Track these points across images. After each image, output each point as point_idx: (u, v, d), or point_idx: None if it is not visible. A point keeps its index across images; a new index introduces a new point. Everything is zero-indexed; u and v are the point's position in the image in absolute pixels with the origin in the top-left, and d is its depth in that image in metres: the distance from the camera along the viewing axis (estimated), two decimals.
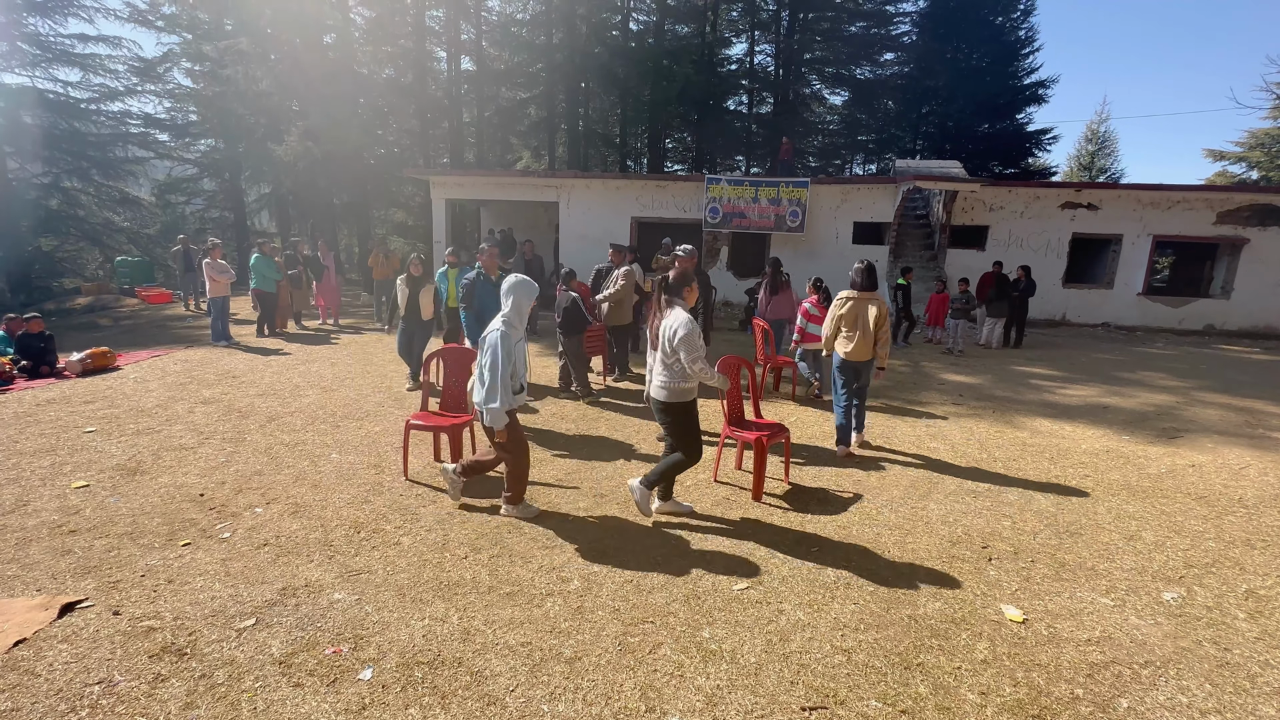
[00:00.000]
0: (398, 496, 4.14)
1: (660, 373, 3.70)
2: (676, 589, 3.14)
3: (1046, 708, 2.41)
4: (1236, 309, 13.31)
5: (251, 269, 10.04)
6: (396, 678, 2.47)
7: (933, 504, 4.26)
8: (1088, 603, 3.13)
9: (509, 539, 3.61)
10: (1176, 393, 7.80)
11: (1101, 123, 30.97)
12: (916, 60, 24.99)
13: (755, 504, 4.18)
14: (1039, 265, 13.09)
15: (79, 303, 14.37)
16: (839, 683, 2.51)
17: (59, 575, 3.14)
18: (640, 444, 5.32)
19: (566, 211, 14.83)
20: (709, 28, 24.17)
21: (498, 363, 3.49)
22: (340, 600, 2.97)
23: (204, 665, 2.52)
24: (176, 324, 11.64)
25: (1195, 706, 2.44)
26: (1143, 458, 5.35)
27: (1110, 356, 10.26)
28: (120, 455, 4.79)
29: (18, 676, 2.44)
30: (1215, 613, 3.08)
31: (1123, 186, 14.06)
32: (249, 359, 8.33)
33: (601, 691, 2.43)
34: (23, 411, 5.87)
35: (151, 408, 6.04)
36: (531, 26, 22.46)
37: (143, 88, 18.49)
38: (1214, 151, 22.89)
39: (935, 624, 2.91)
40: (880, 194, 13.96)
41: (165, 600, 2.95)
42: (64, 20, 16.53)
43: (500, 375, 3.48)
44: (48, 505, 3.92)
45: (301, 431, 5.42)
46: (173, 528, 3.66)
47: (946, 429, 5.99)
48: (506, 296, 3.62)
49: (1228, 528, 4.04)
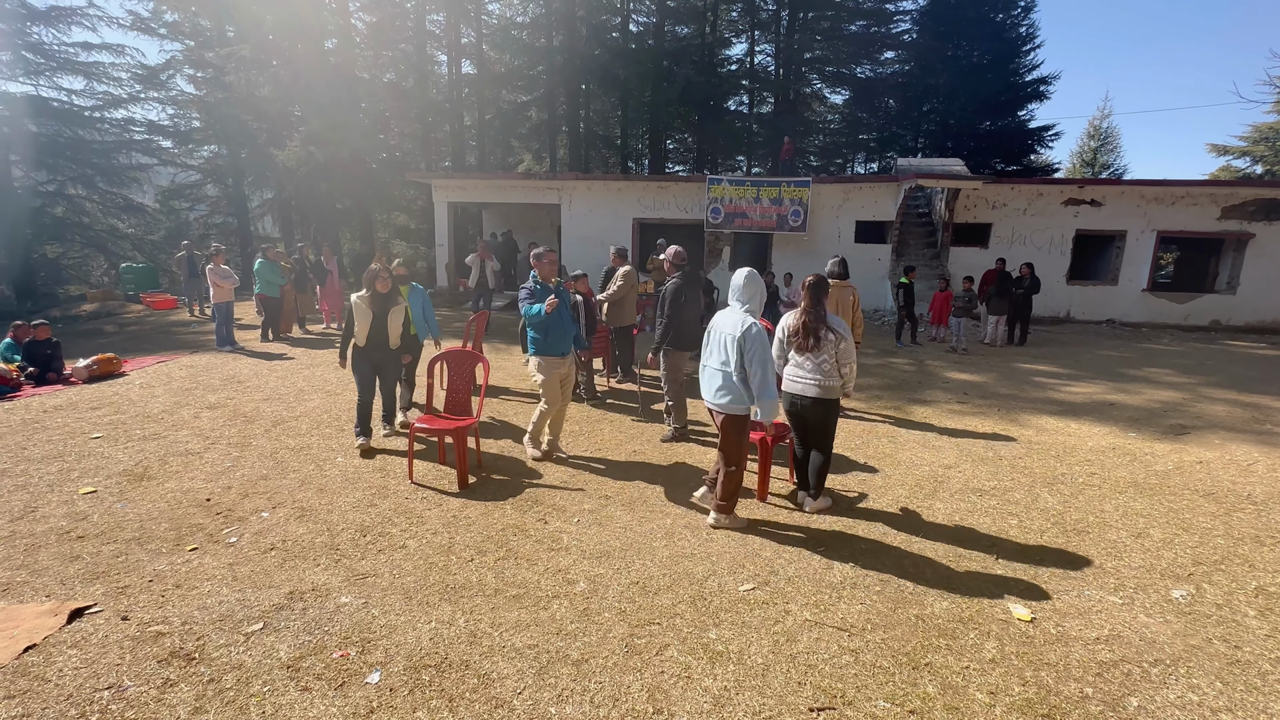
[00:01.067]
0: (403, 500, 4.15)
1: (812, 372, 3.83)
2: (682, 590, 3.13)
3: (1056, 707, 2.40)
4: (1242, 304, 13.25)
5: (255, 274, 10.08)
6: (404, 681, 2.48)
7: (939, 503, 4.24)
8: (1096, 601, 3.12)
9: (514, 541, 3.61)
10: (1183, 389, 7.76)
11: (1104, 118, 30.95)
12: (917, 58, 24.93)
13: (760, 504, 4.17)
14: (1043, 262, 13.05)
15: (85, 309, 14.45)
16: (847, 683, 2.50)
17: (67, 581, 3.16)
18: (642, 445, 5.32)
19: (568, 213, 14.85)
20: (709, 28, 24.17)
21: (769, 355, 3.48)
22: (347, 604, 2.98)
23: (212, 670, 2.52)
24: (181, 329, 11.69)
25: (1206, 705, 2.43)
26: (1150, 455, 5.32)
27: (1115, 353, 10.22)
28: (127, 461, 4.81)
29: (28, 682, 2.45)
30: (1225, 610, 3.06)
31: (1126, 182, 14.00)
32: (254, 364, 8.36)
33: (609, 694, 2.42)
34: (30, 418, 5.90)
35: (157, 413, 6.07)
36: (531, 29, 22.50)
37: (146, 95, 18.64)
38: (1218, 146, 22.80)
39: (943, 623, 2.90)
40: (882, 193, 13.94)
41: (173, 605, 2.96)
42: (67, 29, 16.68)
43: (770, 367, 3.47)
44: (56, 511, 3.94)
45: (307, 436, 5.43)
46: (180, 533, 3.67)
47: (951, 427, 5.97)
48: (745, 289, 3.57)
49: (1236, 524, 4.02)
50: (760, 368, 3.41)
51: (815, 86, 26.96)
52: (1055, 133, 24.95)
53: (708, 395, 3.66)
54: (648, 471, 4.72)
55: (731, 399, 3.54)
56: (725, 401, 3.56)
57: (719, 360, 3.58)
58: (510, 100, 23.80)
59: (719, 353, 3.59)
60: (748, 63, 26.02)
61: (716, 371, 3.59)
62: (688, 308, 5.23)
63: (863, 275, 13.15)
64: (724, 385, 3.55)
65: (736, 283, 3.63)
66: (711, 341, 3.67)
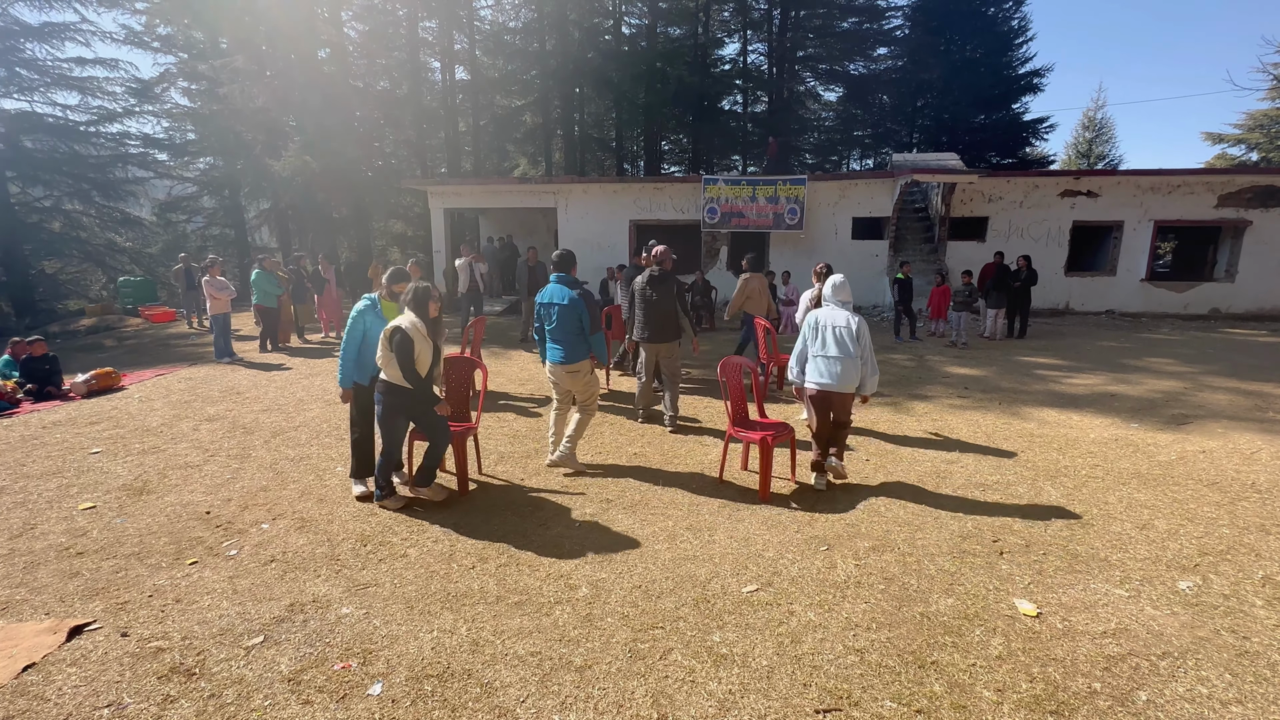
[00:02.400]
0: (403, 508, 4.13)
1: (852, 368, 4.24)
2: (685, 593, 3.11)
3: (1064, 703, 2.38)
4: (1241, 292, 13.23)
5: (252, 285, 10.07)
6: (406, 692, 2.46)
7: (941, 498, 4.22)
8: (1102, 594, 3.10)
9: (516, 548, 3.59)
10: (1184, 378, 7.74)
11: (1098, 109, 30.92)
12: (910, 54, 24.96)
13: (762, 504, 4.15)
14: (1040, 254, 13.04)
15: (83, 324, 14.45)
16: (852, 683, 2.48)
17: (67, 598, 3.14)
18: (643, 448, 5.30)
19: (565, 217, 14.84)
20: (701, 29, 24.19)
21: (869, 340, 4.27)
22: (348, 615, 2.96)
23: (213, 685, 2.50)
24: (180, 342, 11.68)
25: (1215, 697, 2.40)
26: (1152, 445, 5.30)
27: (1115, 344, 10.20)
28: (126, 475, 4.80)
29: (27, 702, 2.43)
30: (1232, 601, 3.04)
31: (1122, 173, 13.99)
32: (252, 375, 8.35)
33: (613, 700, 2.40)
34: (29, 434, 5.89)
35: (157, 426, 6.05)
36: (524, 34, 22.52)
37: (141, 108, 18.66)
38: (1213, 134, 22.80)
39: (948, 621, 2.88)
40: (878, 189, 13.93)
41: (173, 620, 2.94)
42: (61, 45, 16.71)
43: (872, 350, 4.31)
44: (55, 528, 3.92)
45: (306, 446, 5.42)
46: (180, 547, 3.66)
47: (952, 422, 5.95)
48: (843, 291, 4.37)
49: (1241, 513, 4.00)
50: (871, 354, 4.28)
51: (809, 84, 27.00)
52: (1050, 125, 25.01)
53: (832, 381, 4.25)
54: (649, 474, 4.70)
55: (852, 380, 4.25)
56: (847, 382, 4.24)
57: (837, 350, 4.23)
58: (504, 105, 23.83)
59: (835, 345, 4.24)
60: (741, 62, 26.05)
61: (836, 359, 4.23)
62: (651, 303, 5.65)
63: (860, 272, 13.15)
64: (845, 370, 4.21)
65: (836, 283, 4.40)
66: (823, 335, 4.28)
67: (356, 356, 4.17)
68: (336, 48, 18.02)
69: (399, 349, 3.76)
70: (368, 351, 4.13)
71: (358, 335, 4.15)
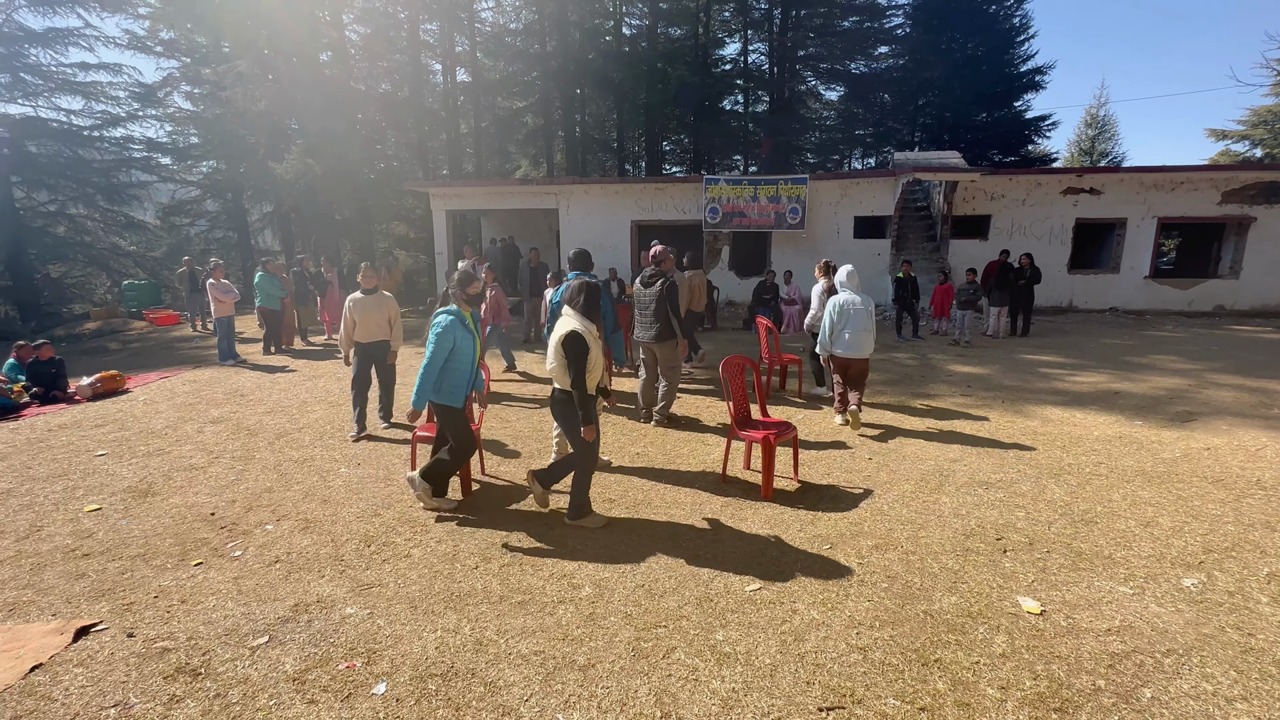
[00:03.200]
0: (407, 509, 4.14)
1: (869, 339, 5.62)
2: (688, 592, 3.11)
3: (1068, 700, 2.37)
4: (1246, 288, 13.17)
5: (256, 287, 10.11)
6: (410, 691, 2.46)
7: (945, 497, 4.22)
8: (1106, 592, 3.09)
9: (519, 548, 3.60)
10: (1188, 375, 7.71)
11: (1100, 107, 30.87)
12: (911, 52, 24.93)
13: (765, 503, 4.15)
14: (1043, 252, 13.00)
15: (88, 327, 14.53)
16: (856, 681, 2.48)
17: (73, 599, 3.16)
18: (645, 448, 5.30)
19: (566, 218, 14.86)
20: (702, 29, 24.19)
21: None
22: (352, 615, 2.97)
23: (218, 685, 2.52)
24: (184, 345, 11.73)
25: (1220, 694, 2.40)
26: (1156, 442, 5.28)
27: (1119, 341, 10.17)
28: (131, 477, 4.82)
29: (34, 702, 2.45)
30: (1237, 598, 3.03)
31: (1125, 170, 13.95)
32: (256, 377, 8.38)
33: (616, 698, 2.41)
34: (35, 437, 5.92)
35: (161, 429, 6.08)
36: (525, 35, 22.56)
37: (144, 113, 18.76)
38: (1216, 131, 22.74)
39: (951, 618, 2.88)
40: (880, 187, 13.91)
41: (179, 621, 2.95)
42: (65, 50, 16.79)
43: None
44: (61, 530, 3.94)
45: (310, 447, 5.44)
46: (185, 548, 3.67)
47: (955, 420, 5.94)
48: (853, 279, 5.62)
49: (1246, 510, 3.98)
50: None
51: (810, 84, 26.98)
52: (1052, 123, 24.95)
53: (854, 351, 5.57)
54: (652, 473, 4.71)
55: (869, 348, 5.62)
56: (867, 350, 5.61)
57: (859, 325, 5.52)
58: (506, 107, 23.86)
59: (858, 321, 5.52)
60: (741, 62, 26.06)
61: (859, 333, 5.52)
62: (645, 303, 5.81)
63: (863, 271, 13.04)
64: (865, 342, 5.56)
65: (848, 271, 5.66)
66: (847, 315, 5.53)
67: (438, 377, 3.90)
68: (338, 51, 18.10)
69: (577, 355, 3.50)
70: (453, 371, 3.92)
71: (445, 351, 3.87)
